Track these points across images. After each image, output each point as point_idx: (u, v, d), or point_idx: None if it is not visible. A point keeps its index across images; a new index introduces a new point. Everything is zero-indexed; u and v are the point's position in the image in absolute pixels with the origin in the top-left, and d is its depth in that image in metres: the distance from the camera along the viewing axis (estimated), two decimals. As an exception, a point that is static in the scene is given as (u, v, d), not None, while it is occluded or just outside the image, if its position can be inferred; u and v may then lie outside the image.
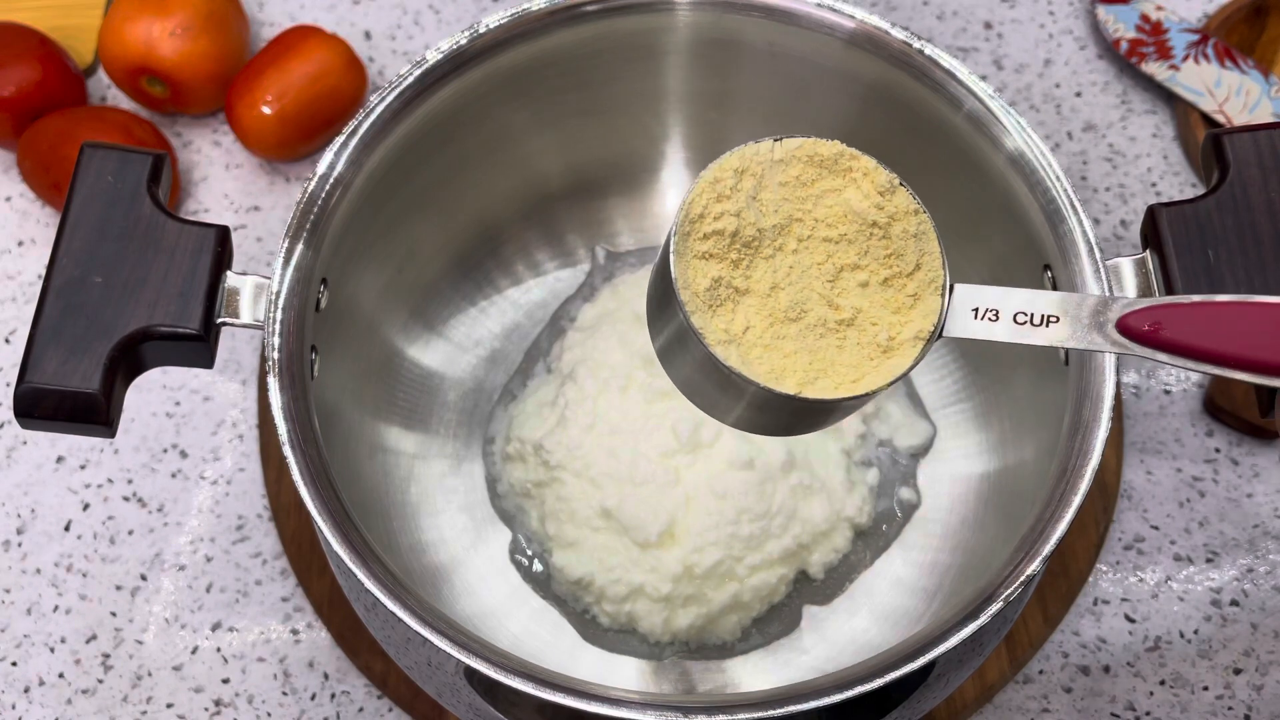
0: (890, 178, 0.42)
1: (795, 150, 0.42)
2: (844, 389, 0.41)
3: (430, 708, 0.59)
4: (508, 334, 0.67)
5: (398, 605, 0.46)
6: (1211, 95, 0.74)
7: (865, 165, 0.42)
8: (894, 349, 0.42)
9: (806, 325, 0.42)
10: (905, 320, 0.42)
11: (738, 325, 0.41)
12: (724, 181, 0.42)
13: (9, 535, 0.66)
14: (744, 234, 0.41)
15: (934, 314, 0.42)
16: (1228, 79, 0.74)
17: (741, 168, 0.42)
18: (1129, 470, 0.68)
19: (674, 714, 0.44)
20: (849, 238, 0.42)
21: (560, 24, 0.58)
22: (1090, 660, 0.63)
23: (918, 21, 0.81)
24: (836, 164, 0.42)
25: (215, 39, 0.73)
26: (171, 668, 0.63)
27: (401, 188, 0.58)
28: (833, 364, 0.41)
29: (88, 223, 0.50)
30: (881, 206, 0.42)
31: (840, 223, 0.42)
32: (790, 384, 0.41)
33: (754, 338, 0.41)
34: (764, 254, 0.42)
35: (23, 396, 0.47)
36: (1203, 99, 0.74)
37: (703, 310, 0.41)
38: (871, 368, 0.41)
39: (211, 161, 0.76)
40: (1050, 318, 0.42)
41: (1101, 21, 0.78)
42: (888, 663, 0.45)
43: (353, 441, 0.58)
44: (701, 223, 0.41)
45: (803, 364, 0.41)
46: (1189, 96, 0.75)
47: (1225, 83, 0.74)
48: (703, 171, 0.42)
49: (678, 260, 0.41)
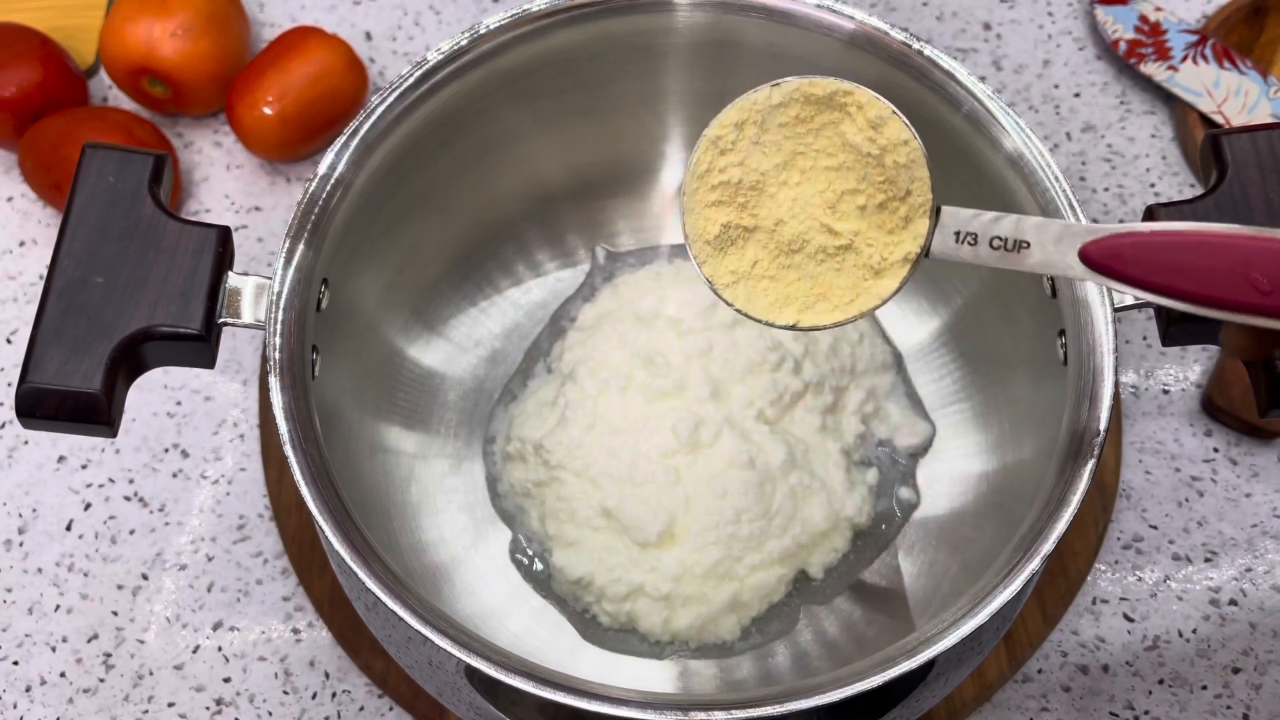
0: (881, 111, 0.44)
1: (792, 93, 0.45)
2: (839, 313, 0.46)
3: (431, 707, 0.60)
4: (508, 334, 0.67)
5: (398, 604, 0.46)
6: (1210, 96, 0.74)
7: (860, 99, 0.44)
8: (884, 270, 0.45)
9: (807, 254, 0.45)
10: (897, 241, 0.45)
11: (746, 262, 0.46)
12: (725, 137, 0.45)
13: (10, 535, 0.66)
14: (748, 180, 0.45)
15: (921, 236, 0.45)
16: (1226, 80, 0.74)
17: (741, 120, 0.45)
18: (1127, 470, 0.68)
19: (674, 713, 0.44)
20: (848, 165, 0.45)
21: (560, 25, 0.58)
22: (1089, 659, 0.63)
23: (917, 22, 0.81)
24: (832, 100, 0.44)
25: (216, 40, 0.73)
26: (173, 667, 0.63)
27: (402, 188, 0.58)
28: (831, 287, 0.46)
29: (89, 223, 0.50)
30: (874, 139, 0.44)
31: (840, 152, 0.45)
32: (790, 313, 0.46)
33: (760, 270, 0.46)
34: (769, 191, 0.45)
35: (24, 396, 0.47)
36: (1201, 99, 0.75)
37: (713, 256, 0.46)
38: (864, 289, 0.45)
39: (212, 162, 0.76)
40: (1022, 244, 0.44)
41: (1100, 22, 0.78)
42: (887, 661, 0.45)
43: (353, 441, 0.58)
44: (708, 176, 0.45)
45: (804, 290, 0.46)
46: (1187, 97, 0.75)
47: (1224, 83, 0.74)
48: (705, 130, 0.45)
49: (687, 216, 0.45)
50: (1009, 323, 0.60)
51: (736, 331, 0.63)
